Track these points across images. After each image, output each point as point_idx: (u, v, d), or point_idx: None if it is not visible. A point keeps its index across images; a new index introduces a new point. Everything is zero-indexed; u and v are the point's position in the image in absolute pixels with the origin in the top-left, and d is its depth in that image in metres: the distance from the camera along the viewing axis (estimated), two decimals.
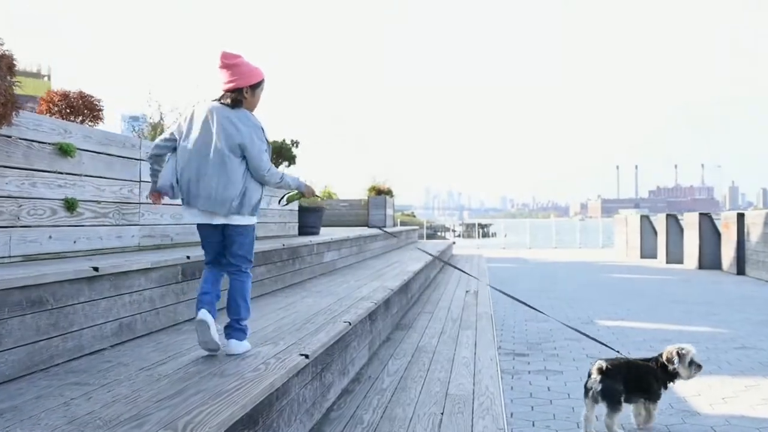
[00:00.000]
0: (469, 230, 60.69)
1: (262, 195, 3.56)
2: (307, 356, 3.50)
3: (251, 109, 3.53)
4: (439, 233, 53.44)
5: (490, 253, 24.49)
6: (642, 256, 19.47)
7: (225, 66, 3.44)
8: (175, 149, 3.46)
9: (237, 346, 3.47)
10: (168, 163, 3.50)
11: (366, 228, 18.07)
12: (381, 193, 19.65)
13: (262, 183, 3.50)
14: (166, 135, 3.52)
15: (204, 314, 3.32)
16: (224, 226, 3.46)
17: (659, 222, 18.24)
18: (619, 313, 8.44)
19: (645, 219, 19.71)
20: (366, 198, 19.31)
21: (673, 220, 17.49)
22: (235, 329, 3.50)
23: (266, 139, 3.51)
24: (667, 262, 17.28)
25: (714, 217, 15.94)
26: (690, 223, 16.16)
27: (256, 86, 3.50)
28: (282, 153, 9.32)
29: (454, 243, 45.12)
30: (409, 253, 14.22)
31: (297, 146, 9.55)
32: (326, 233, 10.99)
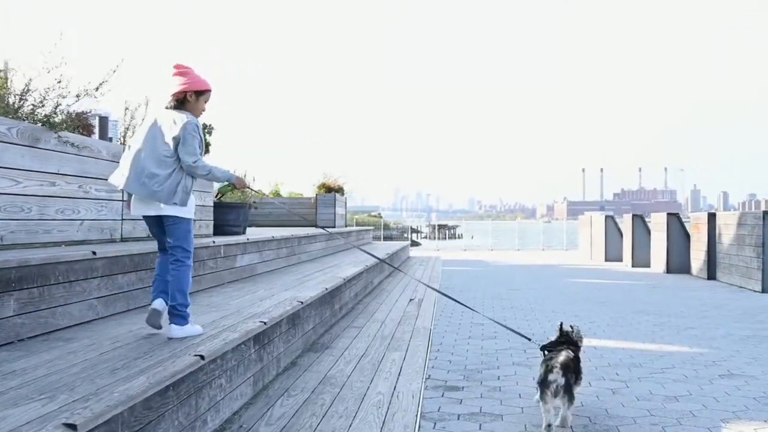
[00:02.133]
0: (435, 232, 59.81)
1: (192, 187, 3.84)
2: (74, 427, 2.18)
3: (195, 112, 3.90)
4: (404, 235, 52.17)
5: (449, 255, 23.34)
6: (607, 259, 18.44)
7: (177, 74, 3.89)
8: None
9: (176, 331, 3.77)
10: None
11: (311, 228, 16.76)
12: (331, 190, 18.29)
13: (192, 175, 3.79)
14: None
15: (157, 304, 3.84)
16: (159, 217, 3.80)
17: (625, 223, 17.21)
18: (581, 327, 7.25)
19: (610, 220, 18.69)
20: (314, 196, 17.93)
21: (639, 221, 16.45)
22: (174, 315, 3.78)
23: (200, 136, 3.82)
24: (632, 266, 16.24)
25: (683, 218, 14.95)
26: (657, 224, 15.12)
27: (200, 93, 3.92)
28: None
29: (419, 245, 43.99)
30: (355, 255, 12.93)
31: (211, 133, 8.18)
32: (257, 234, 9.67)
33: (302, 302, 5.59)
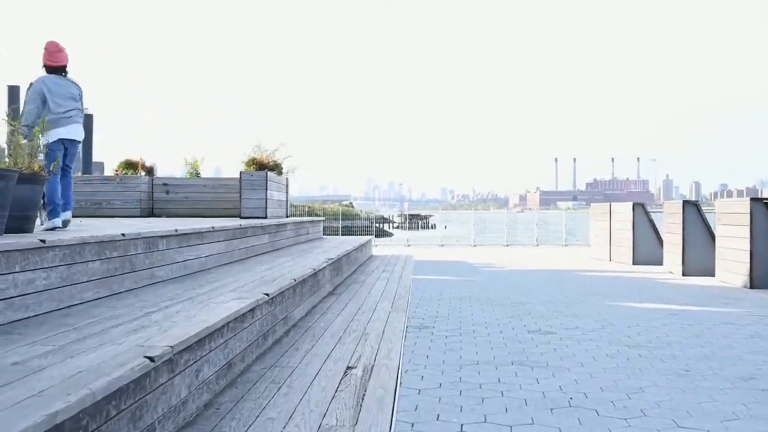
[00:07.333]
0: (407, 221, 56.09)
1: None
2: None
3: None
4: (374, 226, 47.32)
5: (423, 253, 18.49)
6: (635, 262, 13.77)
7: (59, 50, 5.65)
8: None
9: (67, 215, 5.69)
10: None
11: (236, 219, 11.81)
12: (264, 167, 13.31)
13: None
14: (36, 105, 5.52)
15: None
16: (71, 141, 5.71)
17: (668, 214, 12.51)
18: None
19: (640, 209, 13.99)
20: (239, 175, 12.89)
21: (692, 211, 11.75)
22: (68, 206, 5.74)
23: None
24: (683, 274, 11.59)
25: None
26: (729, 215, 10.42)
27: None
28: None
29: (390, 235, 38.85)
30: (271, 264, 7.97)
31: None
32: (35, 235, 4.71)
33: None
